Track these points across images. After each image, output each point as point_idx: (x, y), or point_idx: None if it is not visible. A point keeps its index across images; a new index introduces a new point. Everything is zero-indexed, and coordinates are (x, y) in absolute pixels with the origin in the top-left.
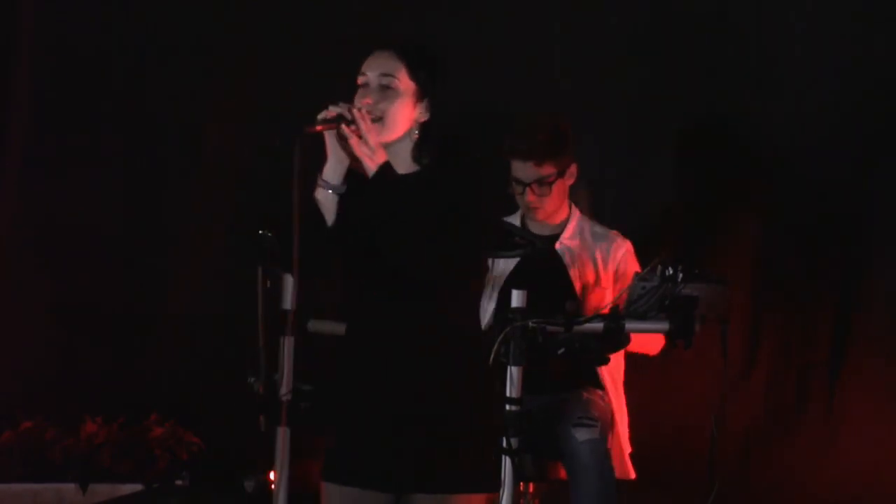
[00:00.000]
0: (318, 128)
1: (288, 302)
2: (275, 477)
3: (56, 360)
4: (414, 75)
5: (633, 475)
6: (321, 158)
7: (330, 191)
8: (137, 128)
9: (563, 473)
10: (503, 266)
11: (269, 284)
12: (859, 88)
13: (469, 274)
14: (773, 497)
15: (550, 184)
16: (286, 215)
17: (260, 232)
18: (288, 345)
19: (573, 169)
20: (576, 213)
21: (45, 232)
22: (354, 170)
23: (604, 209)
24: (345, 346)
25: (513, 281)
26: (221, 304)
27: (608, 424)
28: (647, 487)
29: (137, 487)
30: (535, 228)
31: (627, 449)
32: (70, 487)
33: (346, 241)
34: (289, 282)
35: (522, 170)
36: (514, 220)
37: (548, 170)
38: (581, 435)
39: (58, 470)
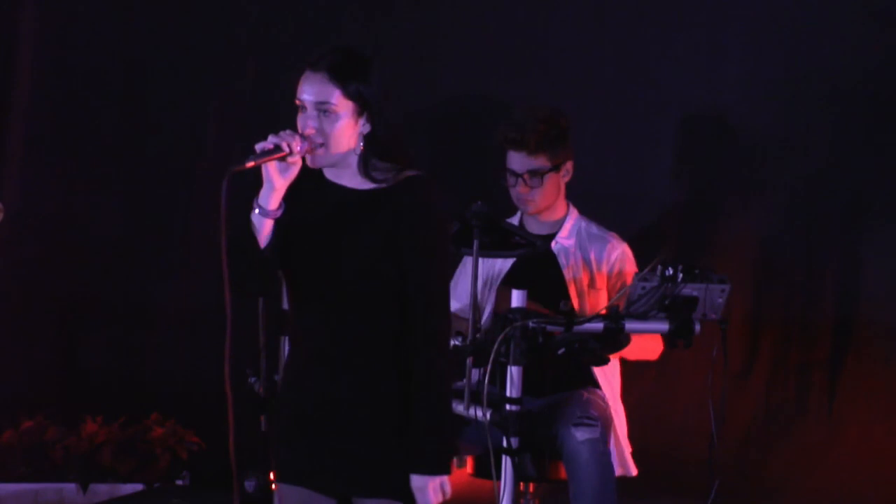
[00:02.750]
0: (251, 164)
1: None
2: (275, 477)
3: (56, 360)
4: (349, 94)
5: (634, 472)
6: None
7: (265, 217)
8: (137, 128)
9: (563, 473)
10: (500, 265)
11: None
12: (859, 86)
13: (399, 293)
14: (773, 497)
15: (542, 176)
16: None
17: None
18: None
19: (569, 166)
20: (573, 213)
21: (45, 231)
22: (292, 188)
23: (603, 208)
24: (291, 356)
25: (508, 280)
26: (222, 304)
27: (608, 424)
28: (647, 487)
29: (138, 487)
30: (532, 227)
31: (628, 447)
32: (71, 487)
33: (280, 263)
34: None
35: (516, 160)
36: (514, 220)
37: (541, 161)
38: (581, 434)
39: (58, 470)
